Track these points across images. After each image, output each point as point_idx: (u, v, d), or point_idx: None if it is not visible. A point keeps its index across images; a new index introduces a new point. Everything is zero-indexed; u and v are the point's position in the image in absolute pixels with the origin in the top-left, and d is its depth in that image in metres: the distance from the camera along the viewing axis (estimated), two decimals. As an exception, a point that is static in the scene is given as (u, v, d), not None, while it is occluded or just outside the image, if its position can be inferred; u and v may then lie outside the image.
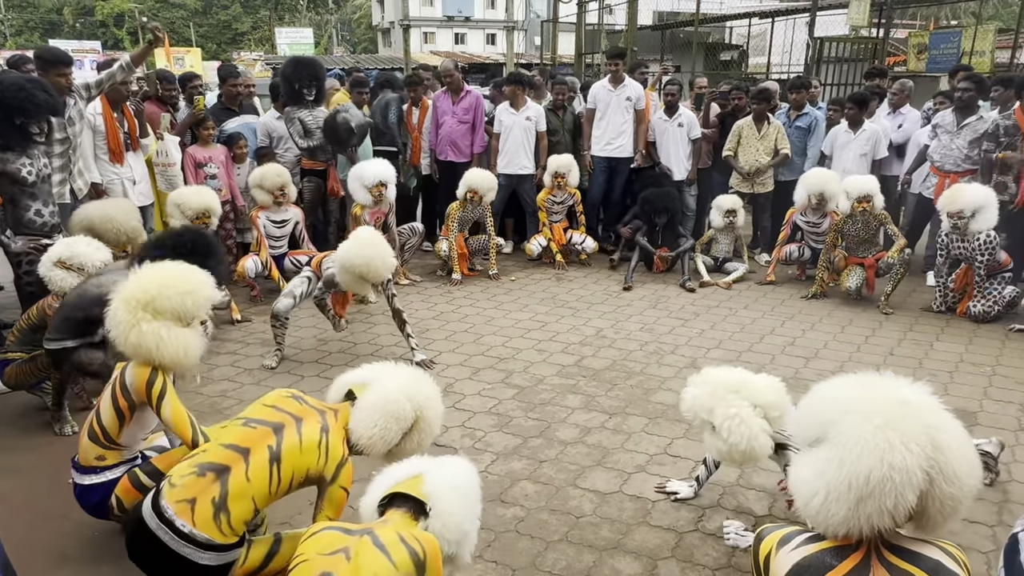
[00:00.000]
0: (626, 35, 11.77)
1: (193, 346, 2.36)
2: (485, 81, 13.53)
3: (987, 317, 4.87)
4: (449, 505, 1.67)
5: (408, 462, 1.81)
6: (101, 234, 4.02)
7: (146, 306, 2.27)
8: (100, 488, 2.35)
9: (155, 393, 2.27)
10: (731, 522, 2.61)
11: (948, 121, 5.61)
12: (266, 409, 2.08)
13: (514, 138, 6.36)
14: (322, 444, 2.01)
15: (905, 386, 1.43)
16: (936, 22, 16.39)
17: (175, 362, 2.31)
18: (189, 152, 5.39)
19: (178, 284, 2.33)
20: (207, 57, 31.40)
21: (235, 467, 1.92)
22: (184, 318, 2.33)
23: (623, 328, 4.84)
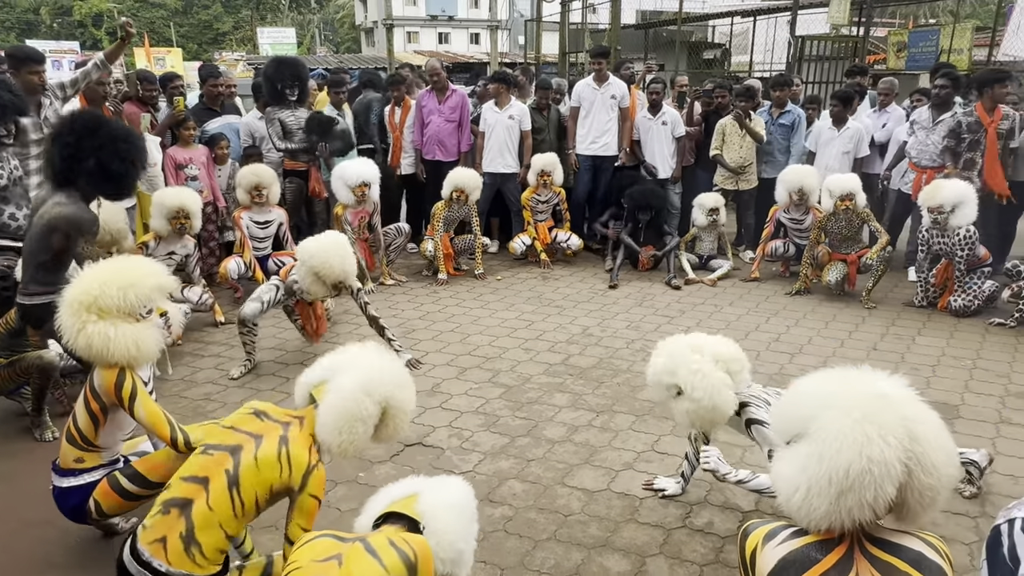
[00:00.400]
0: (609, 34, 11.79)
1: (145, 339, 2.31)
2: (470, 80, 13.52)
3: (967, 311, 4.93)
4: (443, 524, 1.65)
5: (403, 482, 1.80)
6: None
7: (90, 307, 2.24)
8: (78, 491, 2.32)
9: (125, 395, 2.24)
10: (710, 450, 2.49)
11: (924, 117, 5.71)
12: (224, 432, 2.03)
13: (497, 137, 6.36)
14: (282, 456, 1.96)
15: (882, 379, 1.45)
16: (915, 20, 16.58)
17: (128, 359, 2.27)
18: (169, 153, 5.33)
19: (118, 279, 2.28)
20: (188, 57, 31.09)
21: (197, 499, 1.90)
22: (132, 313, 2.30)
23: (609, 326, 4.85)
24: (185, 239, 4.65)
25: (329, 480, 2.94)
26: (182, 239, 4.63)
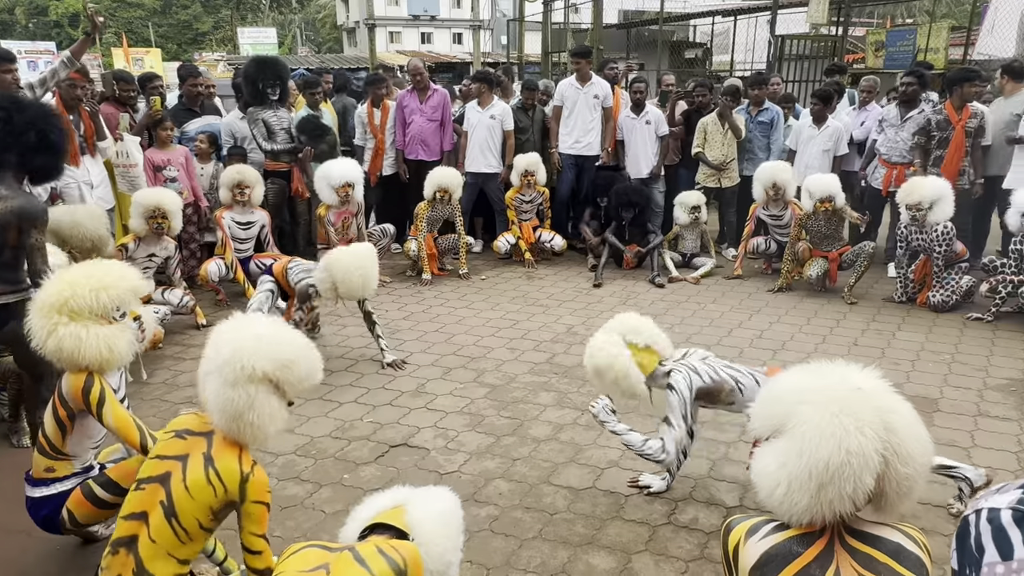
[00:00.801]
0: (592, 34, 11.82)
1: (118, 342, 2.28)
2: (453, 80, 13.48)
3: (946, 307, 5.00)
4: (431, 535, 1.63)
5: (389, 491, 1.77)
6: (67, 240, 3.92)
7: (60, 309, 2.20)
8: (50, 500, 2.28)
9: (93, 400, 2.21)
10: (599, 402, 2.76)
11: (893, 115, 5.84)
12: (153, 463, 1.97)
13: (478, 136, 6.36)
14: (210, 476, 1.88)
15: (856, 372, 1.47)
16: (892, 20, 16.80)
17: (100, 361, 2.23)
18: (147, 155, 5.27)
19: (90, 281, 2.26)
20: (167, 58, 30.74)
21: (140, 534, 1.88)
22: (104, 315, 2.27)
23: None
24: (165, 240, 4.60)
25: (313, 482, 2.93)
26: (161, 240, 4.58)
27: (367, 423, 3.46)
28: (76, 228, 3.96)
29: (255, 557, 1.93)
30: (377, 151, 6.39)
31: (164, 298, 4.60)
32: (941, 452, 2.99)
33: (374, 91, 6.37)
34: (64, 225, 3.93)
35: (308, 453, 3.18)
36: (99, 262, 2.43)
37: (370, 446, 3.24)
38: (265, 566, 1.93)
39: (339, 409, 3.61)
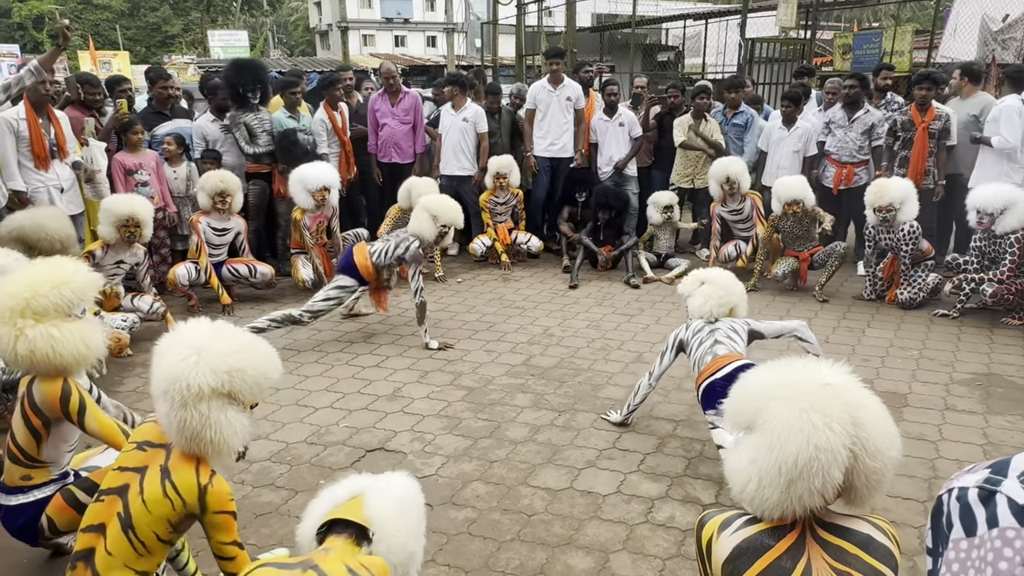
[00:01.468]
0: (565, 37, 11.89)
1: (93, 336, 2.22)
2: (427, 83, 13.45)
3: (913, 304, 5.11)
4: (392, 528, 1.58)
5: (346, 481, 1.71)
6: (34, 244, 3.83)
7: (24, 311, 2.13)
8: (27, 508, 2.22)
9: (73, 409, 2.15)
10: None
11: (840, 116, 5.99)
12: (113, 474, 1.92)
13: (451, 139, 6.35)
14: (167, 490, 1.81)
15: (825, 368, 1.50)
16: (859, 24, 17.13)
17: (78, 359, 2.17)
18: (118, 159, 5.18)
19: (48, 279, 2.19)
20: (136, 61, 30.22)
21: (97, 546, 1.84)
22: (70, 310, 2.21)
23: (570, 326, 4.88)
24: (135, 247, 4.52)
25: (288, 489, 2.90)
26: (131, 247, 4.50)
27: (343, 428, 3.44)
28: (40, 231, 3.86)
29: (229, 563, 1.90)
30: (346, 155, 6.23)
31: (134, 304, 4.53)
32: (910, 446, 3.06)
33: (331, 92, 6.13)
34: (28, 229, 3.84)
35: (283, 459, 3.14)
36: (47, 260, 2.36)
37: (346, 451, 3.22)
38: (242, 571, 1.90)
39: (315, 414, 3.58)
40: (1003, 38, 8.86)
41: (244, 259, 5.32)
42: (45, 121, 4.65)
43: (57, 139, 4.71)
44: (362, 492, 1.64)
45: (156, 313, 4.59)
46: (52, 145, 4.68)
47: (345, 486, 1.68)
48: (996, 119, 5.28)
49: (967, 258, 5.01)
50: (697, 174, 6.51)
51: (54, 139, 4.69)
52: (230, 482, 2.04)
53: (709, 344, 3.05)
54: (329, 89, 6.15)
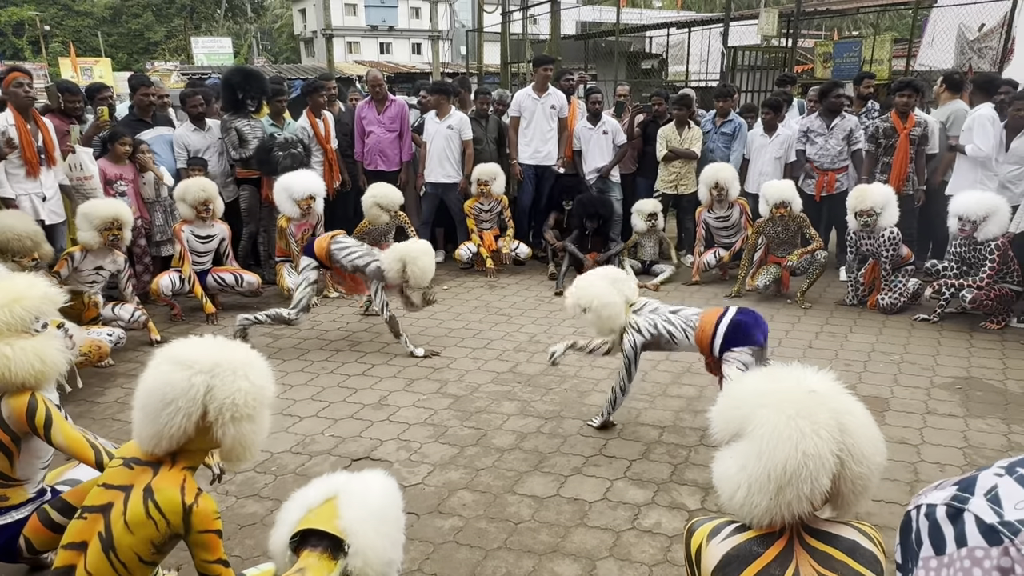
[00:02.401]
0: (550, 44, 11.95)
1: (49, 352, 2.18)
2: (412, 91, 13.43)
3: (894, 308, 5.17)
4: (370, 539, 1.51)
5: (319, 482, 1.66)
6: (3, 246, 3.79)
7: None
8: (5, 529, 2.18)
9: (39, 423, 2.11)
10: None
11: (818, 125, 6.05)
12: (97, 491, 1.89)
13: (436, 146, 6.35)
14: (151, 510, 1.78)
15: (810, 375, 1.51)
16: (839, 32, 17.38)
17: (35, 375, 2.14)
18: (102, 166, 5.12)
19: (0, 297, 2.16)
20: (118, 67, 29.99)
21: (77, 564, 1.81)
22: (24, 328, 2.17)
23: (556, 333, 4.89)
24: (115, 254, 4.47)
25: (273, 499, 2.87)
26: (111, 253, 4.45)
27: (328, 437, 3.41)
28: (8, 231, 3.82)
29: None
30: (329, 163, 6.19)
31: (115, 314, 4.47)
32: (892, 450, 3.08)
33: (314, 99, 6.11)
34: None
35: (268, 469, 3.11)
36: (2, 276, 2.34)
37: (332, 460, 3.19)
38: None
39: (299, 424, 3.55)
40: (979, 47, 9.02)
41: (230, 268, 5.27)
42: (33, 127, 4.59)
43: (45, 145, 4.64)
44: (336, 495, 1.58)
45: (138, 321, 4.54)
46: (40, 151, 4.62)
47: (318, 488, 1.62)
48: (970, 128, 5.38)
49: (946, 263, 5.09)
50: (680, 180, 6.56)
51: (42, 145, 4.62)
52: (214, 494, 2.02)
53: (676, 317, 3.23)
54: (312, 96, 6.12)
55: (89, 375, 4.10)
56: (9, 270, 3.49)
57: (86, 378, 4.06)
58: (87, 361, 3.86)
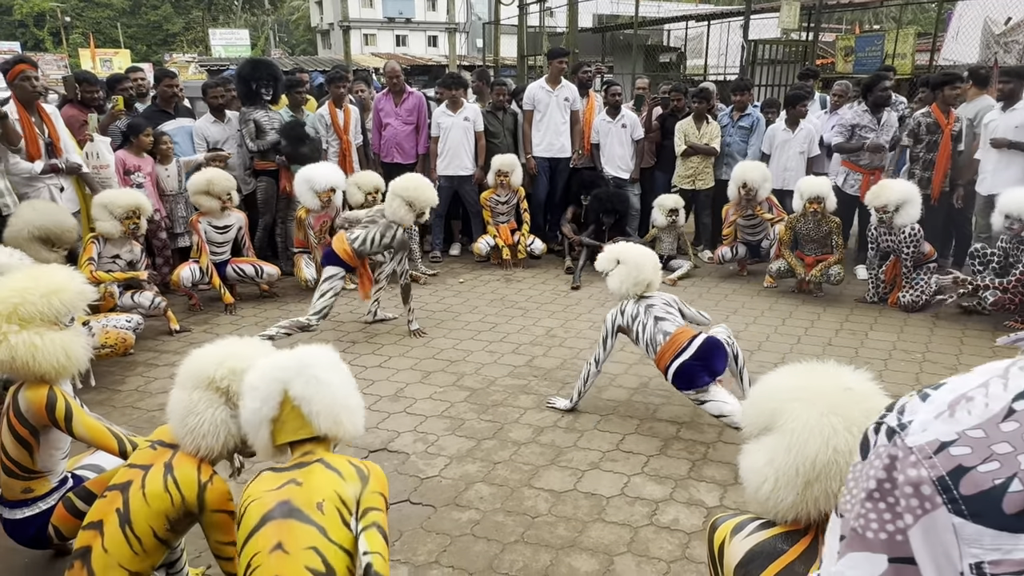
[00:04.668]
0: (567, 37, 11.89)
1: (75, 347, 2.21)
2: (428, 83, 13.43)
3: (916, 306, 5.10)
4: (335, 413, 1.75)
5: (262, 381, 1.79)
6: (56, 239, 3.88)
7: (10, 317, 2.12)
8: (35, 520, 2.21)
9: (60, 416, 2.13)
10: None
11: (869, 120, 5.84)
12: (123, 471, 1.93)
13: (454, 139, 6.33)
14: (168, 484, 1.84)
15: (846, 373, 1.49)
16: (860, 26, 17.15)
17: (58, 369, 2.16)
18: (120, 156, 5.17)
19: (39, 286, 2.18)
20: (136, 59, 30.25)
21: (94, 544, 1.82)
22: (57, 320, 2.20)
23: (573, 327, 4.87)
24: (132, 243, 4.52)
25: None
26: (128, 242, 4.50)
27: (346, 428, 3.42)
28: (60, 225, 3.96)
29: (228, 563, 1.92)
30: (344, 154, 6.19)
31: (135, 301, 4.51)
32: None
33: (335, 89, 6.10)
34: (49, 226, 3.92)
35: (286, 459, 3.13)
36: (42, 266, 2.36)
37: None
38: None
39: (317, 414, 3.57)
40: (1005, 41, 8.87)
41: (250, 259, 5.31)
42: (37, 119, 4.58)
43: (50, 136, 4.62)
44: (284, 381, 1.74)
45: (157, 308, 4.57)
46: (47, 144, 4.60)
47: (267, 388, 1.77)
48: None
49: (993, 250, 4.92)
50: (698, 176, 6.51)
51: (48, 137, 4.62)
52: (231, 483, 2.03)
53: (652, 324, 3.31)
54: (331, 86, 6.12)
55: (109, 363, 4.15)
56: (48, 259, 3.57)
57: (107, 366, 4.12)
58: (113, 352, 3.91)
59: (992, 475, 0.49)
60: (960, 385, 0.56)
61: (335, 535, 1.57)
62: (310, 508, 1.58)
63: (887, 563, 0.54)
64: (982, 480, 0.49)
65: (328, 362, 1.81)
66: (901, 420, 0.57)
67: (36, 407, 2.13)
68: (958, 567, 0.50)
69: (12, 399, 2.19)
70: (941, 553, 0.51)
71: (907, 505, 0.53)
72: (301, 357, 1.79)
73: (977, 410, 0.53)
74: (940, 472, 0.51)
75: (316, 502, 1.60)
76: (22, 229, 3.86)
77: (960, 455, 0.51)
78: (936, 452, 0.52)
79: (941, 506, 0.51)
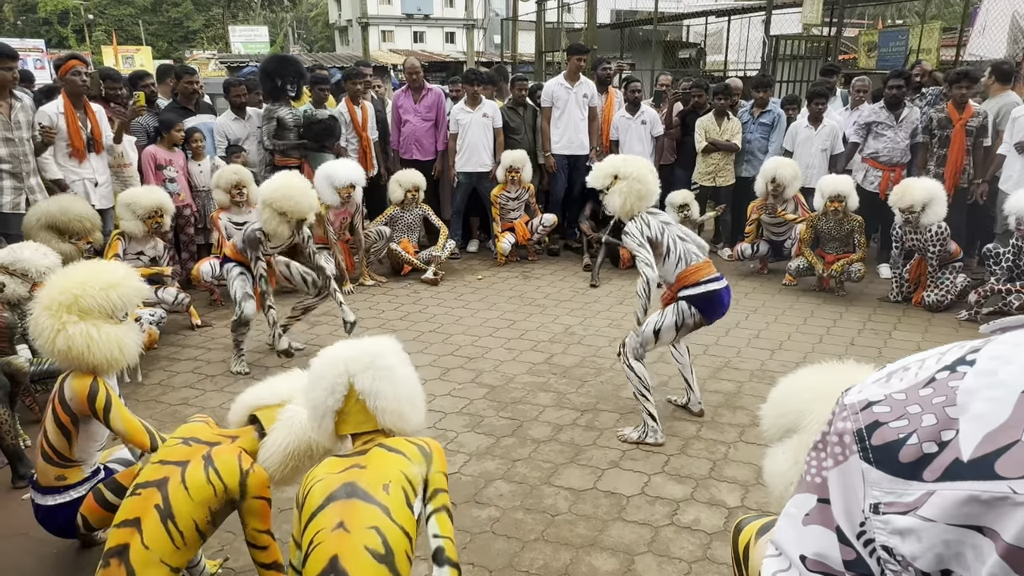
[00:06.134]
0: (586, 33, 11.84)
1: (128, 342, 2.27)
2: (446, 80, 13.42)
3: (940, 306, 5.02)
4: (401, 409, 1.74)
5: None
6: (64, 227, 3.90)
7: (70, 307, 2.17)
8: (65, 508, 2.25)
9: (100, 406, 2.18)
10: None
11: (885, 117, 5.77)
12: (152, 468, 1.96)
13: (473, 135, 6.32)
14: (210, 475, 1.89)
15: (870, 372, 1.46)
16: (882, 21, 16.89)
17: (110, 362, 2.22)
18: (151, 151, 5.23)
19: (100, 279, 2.23)
20: (158, 56, 30.55)
21: (132, 541, 1.84)
22: (113, 314, 2.25)
23: (591, 324, 4.86)
24: (155, 240, 4.57)
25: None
26: (152, 239, 4.55)
27: (366, 424, 3.44)
28: (67, 213, 3.95)
29: (261, 552, 1.96)
30: (364, 151, 6.21)
31: (159, 297, 4.56)
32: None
33: (352, 86, 6.12)
34: (56, 214, 3.92)
35: (307, 454, 3.15)
36: (101, 261, 2.43)
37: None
38: (272, 560, 1.97)
39: (337, 410, 3.58)
40: (1034, 36, 8.68)
41: (267, 254, 5.34)
42: (82, 114, 4.70)
43: (93, 133, 4.75)
44: (353, 383, 1.73)
45: (181, 304, 4.63)
46: (88, 139, 4.73)
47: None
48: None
49: (1006, 249, 4.83)
50: (719, 172, 6.46)
51: (90, 132, 4.73)
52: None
53: (680, 241, 3.21)
54: (349, 83, 6.15)
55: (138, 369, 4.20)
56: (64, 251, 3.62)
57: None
58: None
59: (898, 430, 0.56)
60: (909, 359, 0.63)
61: (398, 516, 1.56)
62: (375, 489, 1.58)
63: (816, 502, 0.62)
64: (889, 433, 0.56)
65: (396, 355, 1.79)
66: (853, 386, 0.64)
67: (79, 395, 2.18)
68: (861, 506, 0.57)
69: (59, 386, 2.25)
70: (851, 495, 0.58)
71: (831, 451, 0.61)
72: (370, 349, 1.76)
73: (908, 377, 0.60)
74: (860, 425, 0.58)
75: (383, 483, 1.59)
76: (31, 218, 3.93)
77: (879, 412, 0.58)
78: (863, 409, 0.59)
79: (855, 453, 0.58)
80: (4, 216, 4.30)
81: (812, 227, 5.44)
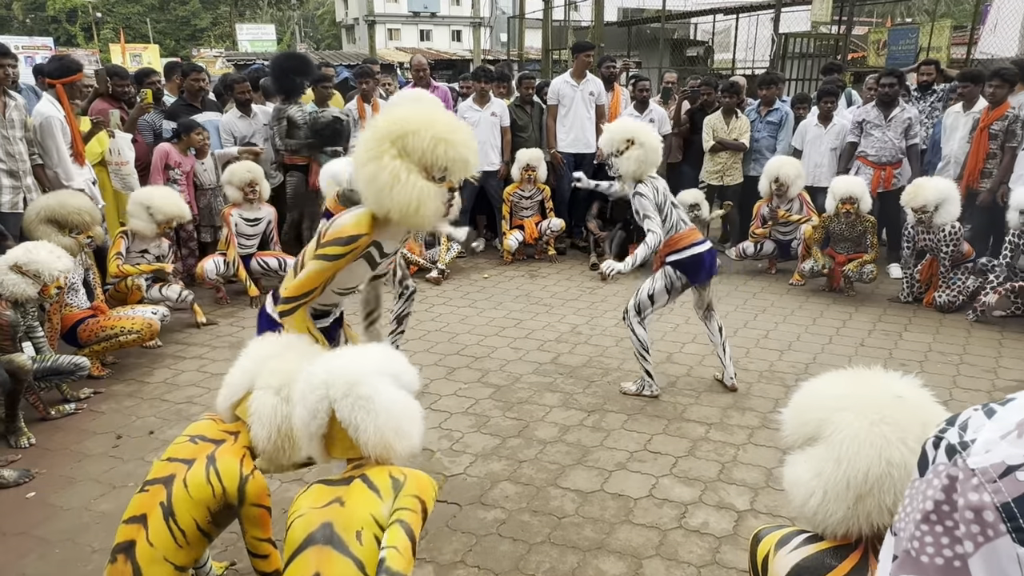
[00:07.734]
0: (593, 31, 11.78)
1: (429, 203, 2.07)
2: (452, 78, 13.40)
3: (952, 307, 4.96)
4: (385, 440, 1.66)
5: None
6: (64, 220, 3.88)
7: (396, 140, 2.03)
8: None
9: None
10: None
11: (875, 116, 5.72)
12: (161, 465, 1.94)
13: (481, 134, 6.27)
14: (210, 475, 1.85)
15: (897, 380, 1.41)
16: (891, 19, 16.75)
17: (402, 211, 2.05)
18: (166, 150, 5.20)
19: (434, 129, 2.05)
20: (165, 54, 30.62)
21: (138, 538, 1.83)
22: (429, 169, 2.08)
23: (598, 324, 4.82)
24: (160, 240, 4.56)
25: (297, 480, 2.87)
26: (158, 239, 4.53)
27: (370, 424, 3.41)
28: (65, 207, 3.90)
29: (262, 561, 1.93)
30: None
31: (162, 294, 4.54)
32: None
33: (364, 85, 6.12)
34: (55, 208, 3.89)
35: (311, 454, 3.12)
36: (446, 113, 2.24)
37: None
38: (273, 568, 1.94)
39: (342, 409, 3.56)
40: (1047, 34, 8.59)
41: (274, 252, 5.33)
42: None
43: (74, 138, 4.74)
44: (334, 409, 1.66)
45: (185, 301, 4.61)
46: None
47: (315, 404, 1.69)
48: None
49: (999, 260, 4.81)
50: (726, 171, 6.40)
51: None
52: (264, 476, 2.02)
53: (674, 207, 3.52)
54: (360, 81, 6.14)
55: (137, 355, 4.19)
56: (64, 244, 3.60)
57: (134, 358, 4.15)
58: (139, 339, 3.94)
59: None
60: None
61: (372, 569, 1.53)
62: (350, 537, 1.55)
63: None
64: None
65: (380, 376, 1.66)
66: (963, 437, 0.54)
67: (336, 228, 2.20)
68: None
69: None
70: None
71: (967, 531, 0.50)
72: (350, 372, 1.64)
73: None
74: (1005, 498, 0.48)
75: (356, 530, 1.55)
76: (31, 213, 3.91)
77: None
78: (1001, 476, 0.49)
79: (1005, 534, 0.48)
80: (3, 216, 4.28)
81: (822, 227, 5.38)
